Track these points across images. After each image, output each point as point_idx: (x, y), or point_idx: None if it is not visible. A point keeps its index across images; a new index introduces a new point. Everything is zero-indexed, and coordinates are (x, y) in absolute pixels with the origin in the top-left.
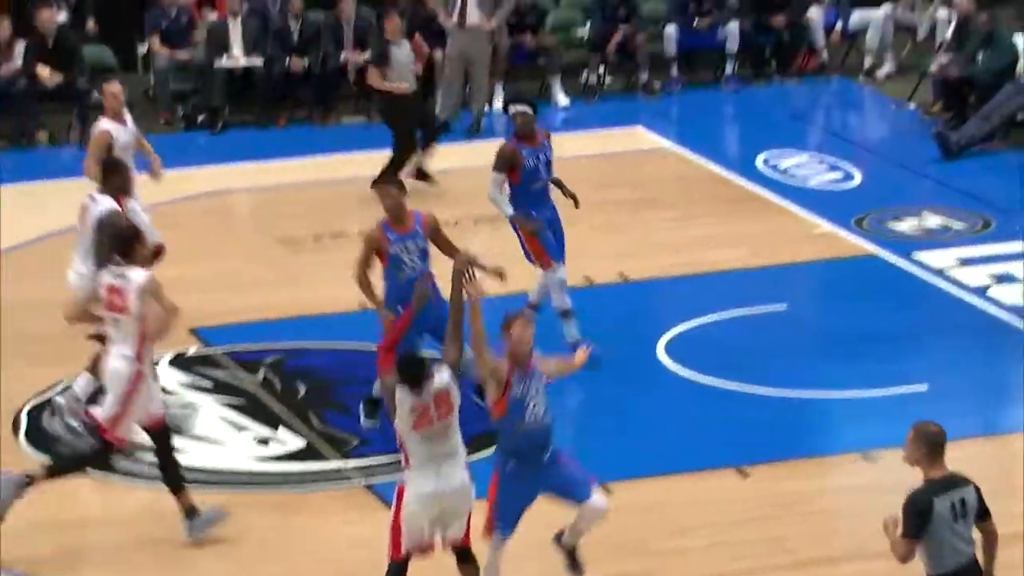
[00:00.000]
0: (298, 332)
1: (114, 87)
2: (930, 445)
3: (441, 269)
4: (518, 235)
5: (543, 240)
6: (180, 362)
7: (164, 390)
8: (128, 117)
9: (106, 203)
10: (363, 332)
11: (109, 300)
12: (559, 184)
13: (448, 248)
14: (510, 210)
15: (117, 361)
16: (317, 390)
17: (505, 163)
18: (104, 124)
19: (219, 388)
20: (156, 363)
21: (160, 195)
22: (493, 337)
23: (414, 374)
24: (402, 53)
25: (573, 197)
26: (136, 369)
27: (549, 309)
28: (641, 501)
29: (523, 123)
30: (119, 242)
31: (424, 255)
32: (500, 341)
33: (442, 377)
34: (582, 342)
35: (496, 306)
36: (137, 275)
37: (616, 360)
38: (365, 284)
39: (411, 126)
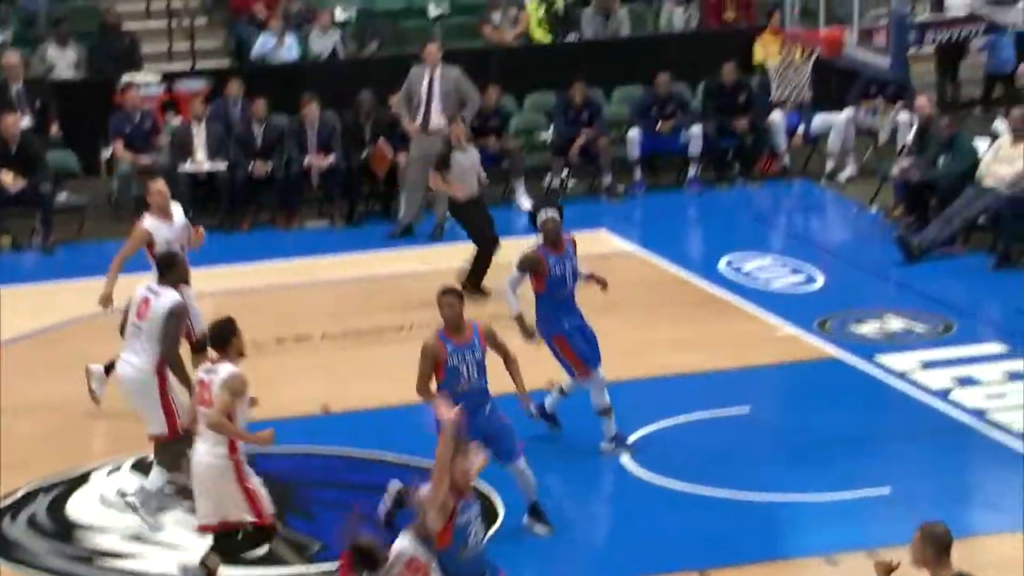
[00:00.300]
0: None
1: (158, 184)
2: (937, 546)
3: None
4: (552, 348)
5: (576, 349)
6: (143, 467)
7: (125, 495)
8: (176, 211)
9: (168, 294)
10: (325, 436)
11: (200, 394)
12: (589, 276)
13: (504, 352)
14: (517, 309)
15: (208, 457)
16: (280, 494)
17: (528, 266)
18: (146, 222)
19: (182, 492)
20: (119, 468)
21: (122, 299)
22: None
23: (369, 563)
24: (466, 159)
25: (601, 282)
26: (234, 461)
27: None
28: None
29: (552, 229)
30: (217, 336)
31: (482, 369)
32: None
33: (403, 546)
34: (622, 436)
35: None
36: (224, 369)
37: (580, 463)
38: (430, 398)
39: (485, 223)
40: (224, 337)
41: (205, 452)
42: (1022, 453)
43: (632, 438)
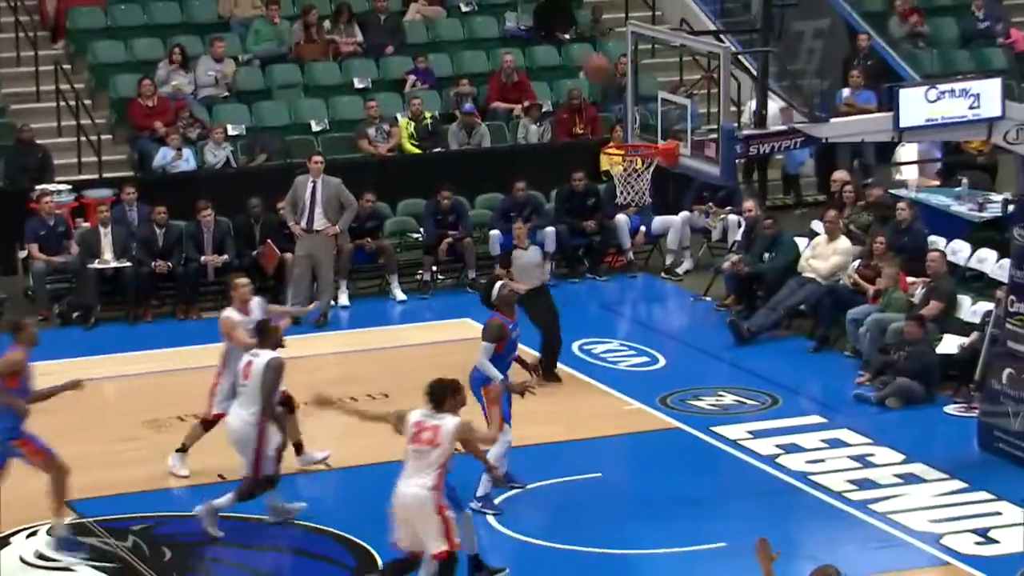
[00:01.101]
0: (164, 503)
1: (240, 280)
2: None
3: None
4: (481, 402)
5: (504, 406)
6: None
7: (42, 557)
8: (254, 305)
9: (265, 355)
10: None
11: (417, 434)
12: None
13: None
14: (500, 375)
15: (415, 489)
16: (181, 555)
17: (496, 335)
18: (227, 311)
19: (92, 554)
20: (31, 534)
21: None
22: None
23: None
24: (526, 256)
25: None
26: (435, 497)
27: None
28: None
29: (509, 297)
30: (438, 393)
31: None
32: None
33: None
34: (491, 497)
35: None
36: (451, 421)
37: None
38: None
39: (548, 314)
40: (444, 394)
41: (413, 484)
42: (839, 511)
43: (498, 500)
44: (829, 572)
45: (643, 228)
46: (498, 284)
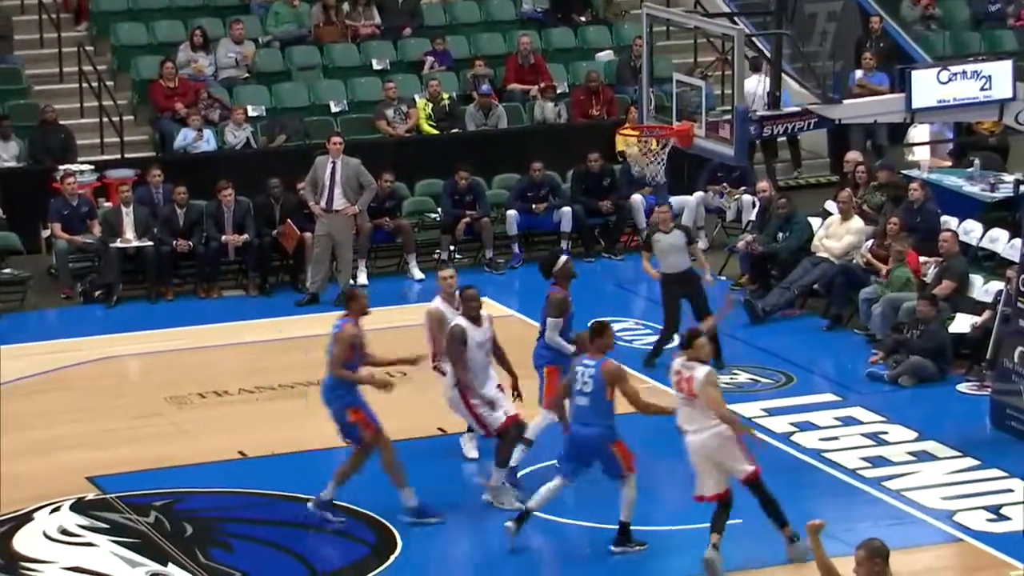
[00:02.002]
0: (185, 479)
1: (445, 272)
2: (884, 557)
3: None
4: (542, 375)
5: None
6: (79, 507)
7: (65, 531)
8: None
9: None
10: (242, 479)
11: (678, 382)
12: None
13: None
14: (571, 349)
15: (703, 435)
16: (202, 530)
17: (560, 308)
18: (436, 302)
19: (114, 529)
20: (54, 510)
21: (57, 360)
22: None
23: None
24: (667, 239)
25: None
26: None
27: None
28: None
29: (571, 269)
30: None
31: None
32: None
33: None
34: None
35: None
36: (701, 370)
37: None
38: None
39: (676, 302)
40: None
41: (697, 433)
42: (853, 488)
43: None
44: (876, 544)
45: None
46: (563, 258)
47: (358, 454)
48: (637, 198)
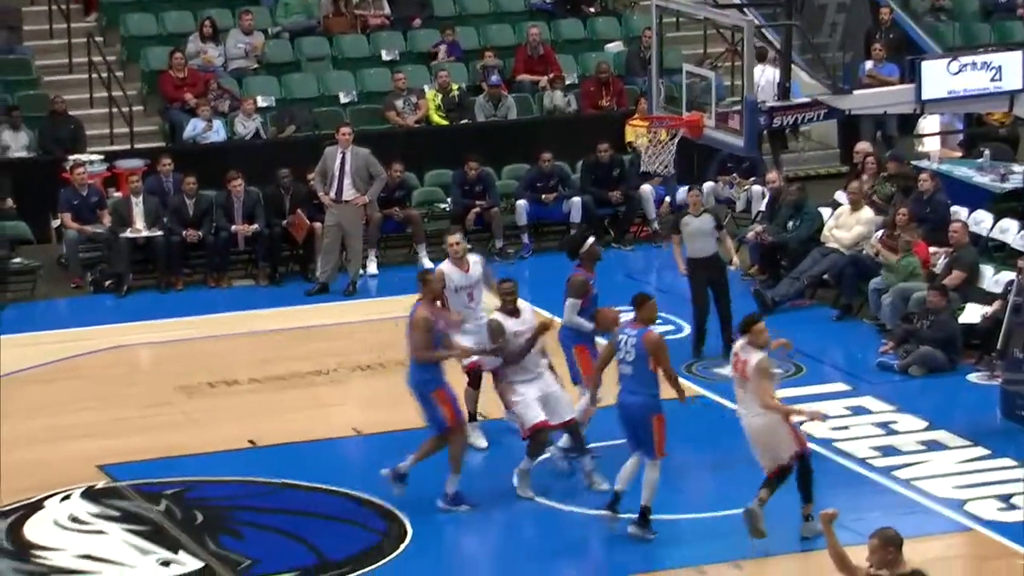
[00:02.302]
0: (195, 467)
1: (452, 237)
2: (897, 545)
3: None
4: (572, 356)
5: (592, 358)
6: (90, 494)
7: (75, 519)
8: (472, 262)
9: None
10: (252, 468)
11: (735, 363)
12: None
13: None
14: (590, 326)
15: (754, 418)
16: (212, 518)
17: (580, 290)
18: (442, 265)
19: (126, 517)
20: (65, 498)
21: (68, 349)
22: None
23: None
24: (696, 222)
25: None
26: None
27: None
28: None
29: (597, 252)
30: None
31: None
32: None
33: None
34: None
35: None
36: (756, 356)
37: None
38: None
39: (703, 287)
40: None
41: (749, 416)
42: (863, 477)
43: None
44: (890, 533)
45: (668, 198)
46: (590, 240)
47: (438, 440)
48: (647, 188)
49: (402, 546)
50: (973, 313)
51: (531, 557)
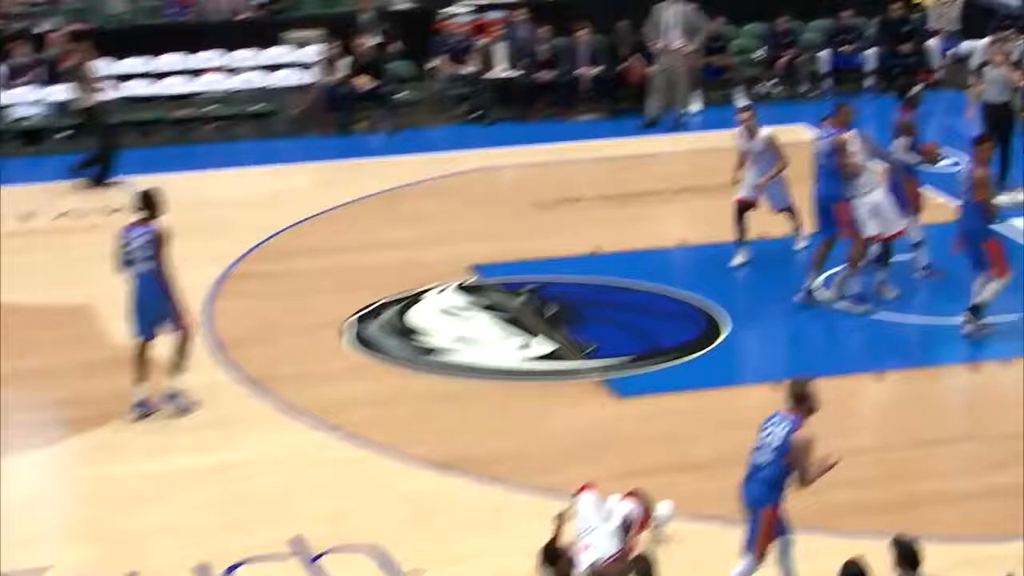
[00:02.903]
0: (548, 269)
1: (743, 115)
2: (914, 558)
3: None
4: (901, 187)
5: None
6: (464, 288)
7: (450, 309)
8: (760, 133)
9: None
10: (596, 270)
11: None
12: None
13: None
14: (919, 157)
15: None
16: (564, 310)
17: (909, 130)
18: (735, 131)
19: (492, 307)
20: (442, 291)
21: (444, 169)
22: None
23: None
24: (994, 73)
25: None
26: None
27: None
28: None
29: (918, 97)
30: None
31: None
32: None
33: None
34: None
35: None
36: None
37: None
38: None
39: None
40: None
41: None
42: None
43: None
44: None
45: (951, 51)
46: (919, 87)
47: (828, 245)
48: (933, 42)
49: (718, 340)
50: None
51: (830, 358)
